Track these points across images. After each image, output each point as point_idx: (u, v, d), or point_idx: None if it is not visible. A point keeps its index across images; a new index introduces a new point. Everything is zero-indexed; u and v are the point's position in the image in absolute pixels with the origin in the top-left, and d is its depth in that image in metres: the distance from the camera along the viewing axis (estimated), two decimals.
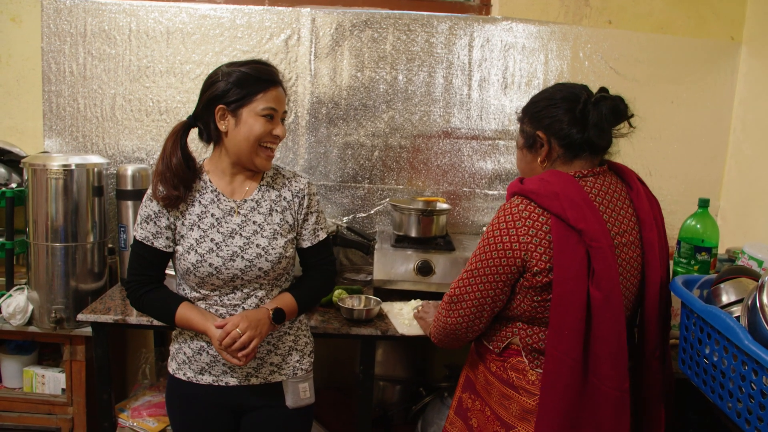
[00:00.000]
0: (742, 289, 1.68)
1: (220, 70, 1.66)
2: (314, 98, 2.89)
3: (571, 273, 1.43)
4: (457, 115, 2.95)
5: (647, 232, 1.59)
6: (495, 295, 1.53)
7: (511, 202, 1.52)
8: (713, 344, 1.62)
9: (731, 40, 2.99)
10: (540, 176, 1.52)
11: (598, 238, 1.43)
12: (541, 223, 1.46)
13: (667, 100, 3.00)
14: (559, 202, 1.44)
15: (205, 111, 1.66)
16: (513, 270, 1.49)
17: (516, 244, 1.47)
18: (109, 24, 2.78)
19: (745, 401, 1.49)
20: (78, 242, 2.39)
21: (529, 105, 1.64)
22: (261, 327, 1.63)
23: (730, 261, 2.48)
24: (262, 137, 1.65)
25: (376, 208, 2.99)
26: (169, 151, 1.66)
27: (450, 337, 1.66)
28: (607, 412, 1.47)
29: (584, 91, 1.57)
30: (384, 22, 2.85)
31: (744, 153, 2.95)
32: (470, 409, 1.72)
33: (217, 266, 1.65)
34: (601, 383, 1.46)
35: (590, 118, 1.51)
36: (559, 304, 1.45)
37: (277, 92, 1.66)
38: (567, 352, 1.44)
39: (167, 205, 1.66)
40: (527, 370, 1.55)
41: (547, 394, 1.47)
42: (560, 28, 2.92)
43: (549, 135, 1.56)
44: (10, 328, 2.39)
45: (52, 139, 2.84)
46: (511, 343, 1.58)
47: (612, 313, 1.45)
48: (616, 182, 1.60)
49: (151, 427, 2.36)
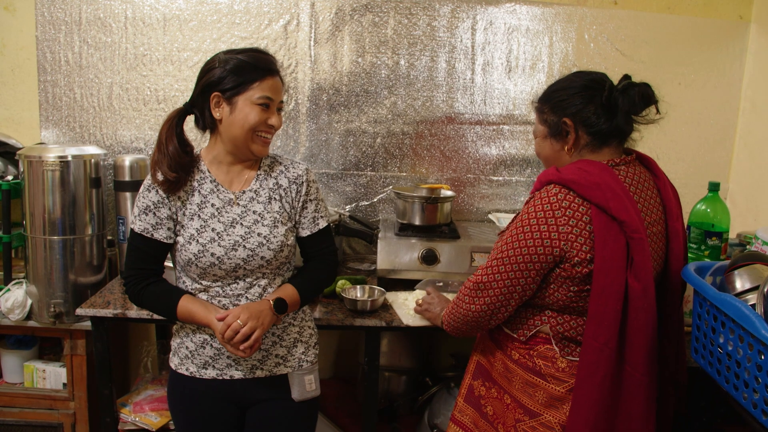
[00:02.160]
0: (757, 276, 1.65)
1: (217, 57, 1.63)
2: (315, 85, 2.84)
3: (613, 264, 1.43)
4: (461, 100, 2.90)
5: (673, 222, 1.59)
6: (526, 284, 1.52)
7: (549, 190, 1.48)
8: (728, 333, 1.58)
9: (740, 19, 2.93)
10: (577, 165, 1.49)
11: (638, 228, 1.43)
12: (581, 213, 1.44)
13: (674, 81, 2.95)
14: (601, 193, 1.43)
15: (201, 98, 1.64)
16: (549, 260, 1.47)
17: (555, 233, 1.45)
18: (105, 11, 2.73)
19: (761, 392, 1.45)
20: (76, 235, 2.35)
21: (550, 93, 1.61)
22: (263, 318, 1.61)
23: (741, 246, 2.44)
24: (257, 126, 1.62)
25: (379, 196, 2.95)
26: (165, 139, 1.63)
27: (470, 325, 1.65)
28: (638, 398, 1.49)
29: (606, 78, 1.56)
30: (385, 5, 2.80)
31: (754, 135, 2.90)
32: (484, 397, 1.72)
33: (219, 256, 1.62)
34: (635, 371, 1.48)
35: (620, 105, 1.50)
36: (599, 295, 1.45)
37: (274, 81, 1.64)
38: (606, 343, 1.45)
39: (167, 189, 1.63)
40: (557, 357, 1.55)
41: (583, 383, 1.48)
42: (565, 9, 2.86)
43: (576, 122, 1.54)
44: (9, 322, 2.36)
45: (49, 130, 2.80)
46: (540, 331, 1.58)
47: (648, 303, 1.46)
48: (644, 172, 1.60)
49: (154, 421, 2.34)
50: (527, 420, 1.57)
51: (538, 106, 1.65)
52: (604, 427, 1.48)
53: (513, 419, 1.60)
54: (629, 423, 1.49)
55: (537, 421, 1.56)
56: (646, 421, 1.50)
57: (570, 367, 1.53)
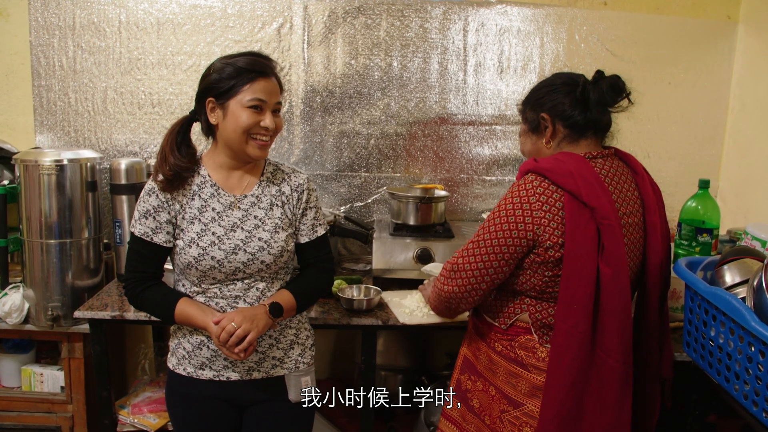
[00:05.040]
0: (747, 270, 1.68)
1: (213, 64, 1.66)
2: (308, 87, 2.86)
3: (583, 249, 1.47)
4: (453, 100, 2.92)
5: (650, 216, 1.63)
6: (498, 267, 1.55)
7: (525, 178, 1.55)
8: (719, 326, 1.61)
9: (728, 19, 2.96)
10: (554, 156, 1.56)
11: (608, 215, 1.47)
12: (554, 199, 1.49)
13: (664, 81, 2.98)
14: (573, 180, 1.48)
15: (198, 104, 1.67)
16: (522, 243, 1.51)
17: (529, 218, 1.49)
18: (98, 16, 2.74)
19: (752, 383, 1.48)
20: (73, 238, 2.36)
21: (530, 94, 1.70)
22: (257, 321, 1.61)
23: (731, 242, 2.47)
24: (250, 128, 1.62)
25: (373, 197, 2.97)
26: (167, 151, 1.66)
27: (444, 305, 1.69)
28: (612, 385, 1.51)
29: (582, 77, 1.63)
30: (377, 8, 2.82)
31: (743, 133, 2.93)
32: (470, 390, 1.74)
33: (219, 259, 1.63)
34: (608, 356, 1.50)
35: (591, 97, 1.57)
36: (568, 279, 1.49)
37: (267, 83, 1.64)
38: (576, 326, 1.48)
39: (166, 188, 1.65)
40: (537, 347, 1.58)
41: (554, 367, 1.51)
42: (555, 10, 2.89)
43: (552, 116, 1.62)
44: (6, 326, 2.36)
45: (44, 135, 2.80)
46: (519, 319, 1.61)
47: (620, 289, 1.48)
48: (622, 166, 1.65)
49: (152, 423, 2.35)
50: (511, 410, 1.60)
51: (521, 108, 1.73)
52: (574, 411, 1.50)
53: (498, 410, 1.63)
54: (602, 410, 1.51)
55: (520, 411, 1.59)
56: (620, 409, 1.52)
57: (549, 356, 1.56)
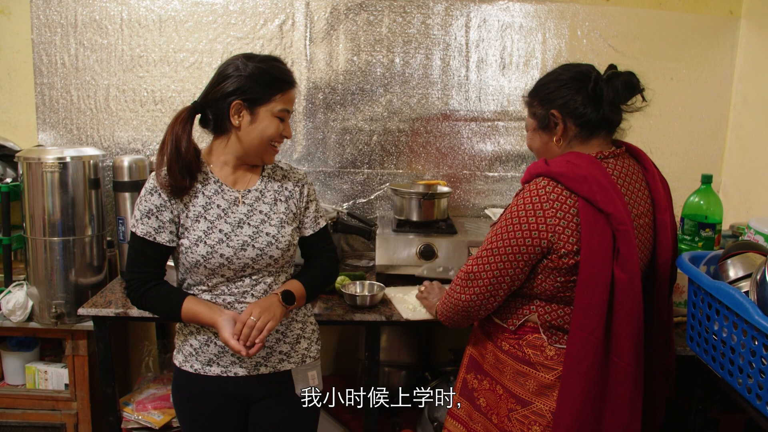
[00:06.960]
0: (750, 264, 1.68)
1: (238, 63, 1.62)
2: (311, 84, 2.86)
3: (599, 255, 1.45)
4: (456, 97, 2.92)
5: (661, 214, 1.61)
6: (514, 274, 1.54)
7: (537, 183, 1.51)
8: (722, 320, 1.61)
9: (730, 14, 2.96)
10: (565, 158, 1.52)
11: (624, 221, 1.45)
12: (569, 205, 1.46)
13: (666, 76, 2.98)
14: (588, 186, 1.45)
15: (218, 102, 1.62)
16: (537, 251, 1.50)
17: (543, 225, 1.47)
18: (100, 13, 2.74)
19: (755, 376, 1.48)
20: (76, 236, 2.36)
21: (538, 87, 1.64)
22: (274, 309, 1.62)
23: (734, 237, 2.47)
24: (274, 137, 1.66)
25: (376, 193, 2.97)
26: (178, 138, 1.60)
27: (461, 315, 1.67)
28: (625, 387, 1.51)
29: (592, 69, 1.58)
30: (379, 4, 2.82)
31: (745, 128, 2.93)
32: (477, 389, 1.74)
33: (228, 256, 1.63)
34: (620, 360, 1.49)
35: (605, 95, 1.52)
36: (586, 286, 1.47)
37: (293, 94, 1.68)
38: (592, 332, 1.47)
39: (172, 192, 1.62)
40: (545, 346, 1.57)
41: (570, 372, 1.50)
42: (557, 6, 2.88)
43: (563, 114, 1.57)
44: (10, 324, 2.36)
45: (46, 133, 2.81)
46: (528, 320, 1.60)
47: (634, 294, 1.47)
48: (633, 165, 1.62)
49: (157, 419, 2.35)
50: (519, 409, 1.60)
51: (528, 100, 1.68)
52: (591, 415, 1.50)
53: (506, 409, 1.63)
54: (616, 411, 1.51)
55: (529, 410, 1.58)
56: (633, 410, 1.52)
57: (558, 354, 1.56)
